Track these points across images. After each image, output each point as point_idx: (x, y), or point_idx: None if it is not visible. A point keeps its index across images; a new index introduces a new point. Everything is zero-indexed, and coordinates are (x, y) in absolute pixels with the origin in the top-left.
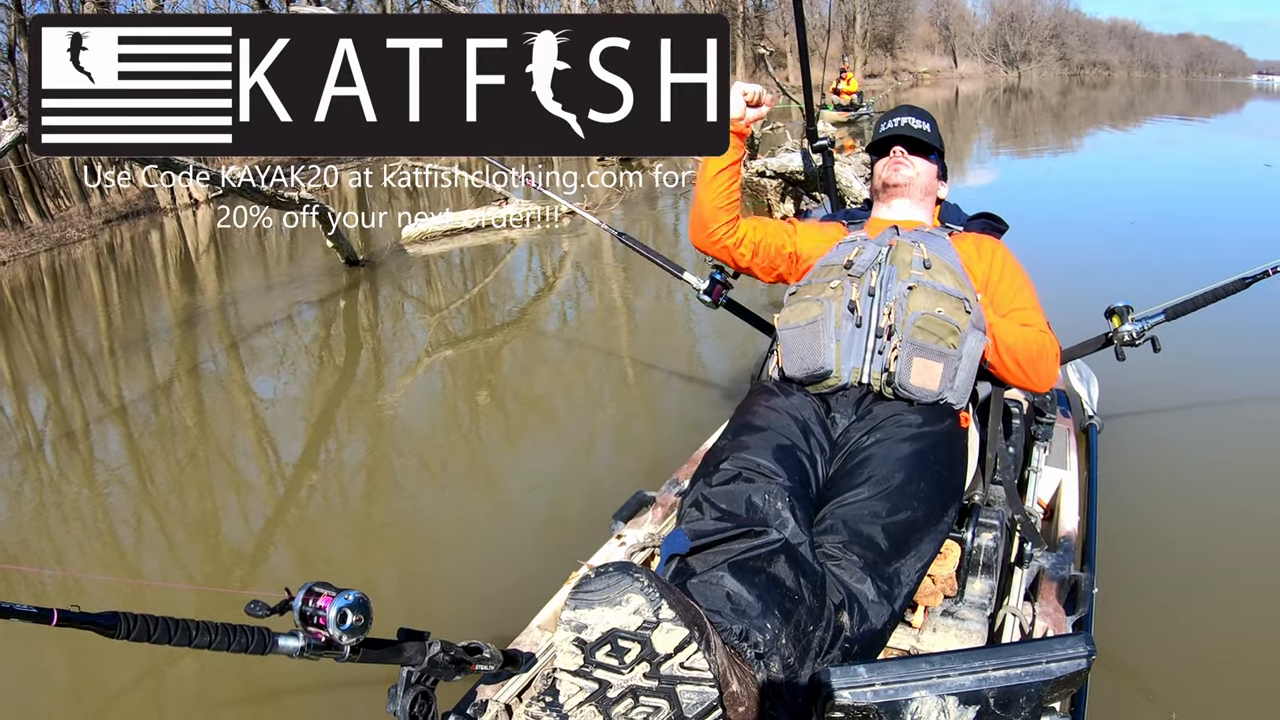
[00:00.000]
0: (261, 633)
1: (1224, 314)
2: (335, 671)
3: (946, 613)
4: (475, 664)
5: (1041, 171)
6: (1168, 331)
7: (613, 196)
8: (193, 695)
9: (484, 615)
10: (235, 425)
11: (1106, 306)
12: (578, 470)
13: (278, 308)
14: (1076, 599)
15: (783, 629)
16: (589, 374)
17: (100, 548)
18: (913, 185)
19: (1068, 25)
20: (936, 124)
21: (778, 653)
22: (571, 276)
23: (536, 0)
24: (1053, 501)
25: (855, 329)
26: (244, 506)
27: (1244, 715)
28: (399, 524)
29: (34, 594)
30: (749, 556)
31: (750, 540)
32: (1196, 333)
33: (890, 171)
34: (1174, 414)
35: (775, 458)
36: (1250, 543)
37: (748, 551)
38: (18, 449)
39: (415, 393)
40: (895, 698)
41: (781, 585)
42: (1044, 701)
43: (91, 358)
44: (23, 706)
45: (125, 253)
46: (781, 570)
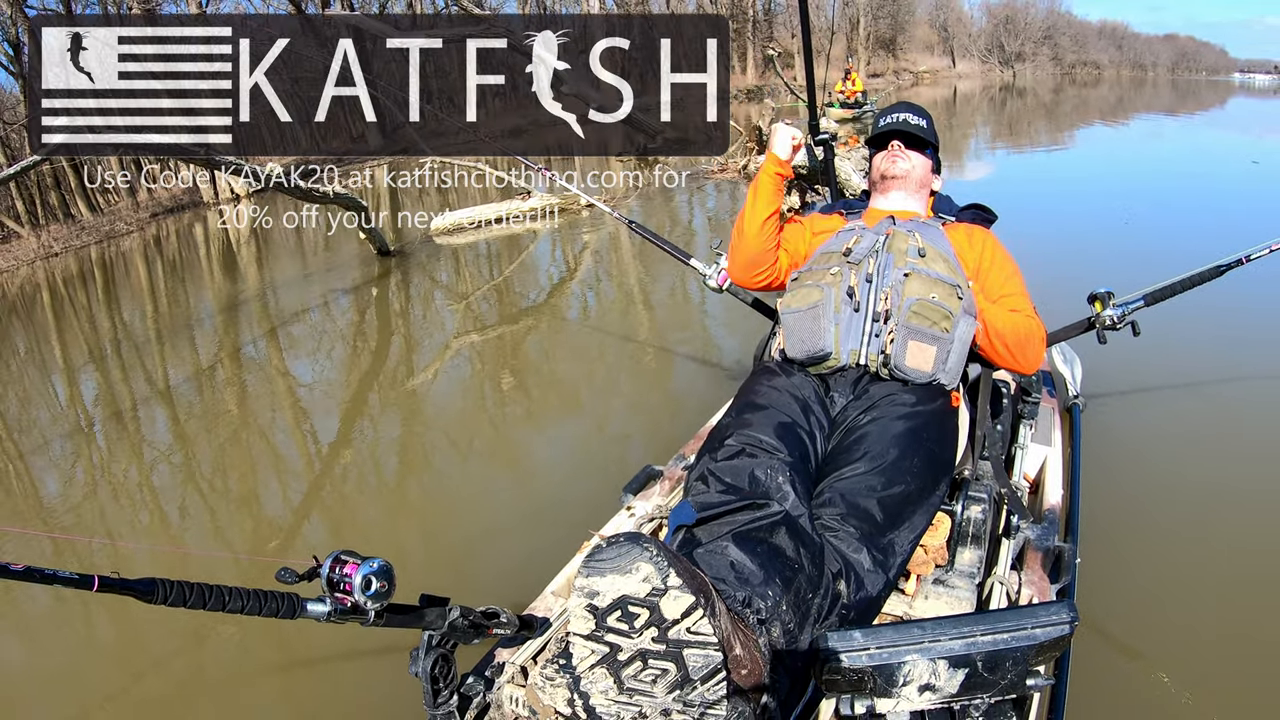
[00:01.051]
0: (291, 598)
1: (1201, 300)
2: (362, 636)
3: (938, 581)
4: (493, 628)
5: (1035, 165)
6: (1147, 316)
7: (629, 191)
8: (234, 658)
9: (501, 582)
10: (274, 406)
11: (1089, 292)
12: (591, 446)
13: (314, 295)
14: (1060, 568)
15: (783, 596)
16: (605, 357)
17: (146, 520)
18: (909, 178)
19: (1060, 26)
20: (932, 120)
21: (779, 618)
22: (591, 266)
23: (558, 4)
24: (1038, 476)
25: (853, 313)
26: (281, 481)
27: (1223, 674)
28: (425, 497)
29: (83, 563)
30: (752, 528)
31: (753, 512)
32: (1175, 318)
33: (888, 164)
34: (1152, 394)
35: (777, 434)
36: (1225, 513)
37: (750, 523)
38: (70, 429)
39: (443, 375)
40: (889, 661)
41: (782, 555)
42: (1029, 665)
43: (139, 343)
44: (72, 668)
45: (170, 244)
46: (782, 541)
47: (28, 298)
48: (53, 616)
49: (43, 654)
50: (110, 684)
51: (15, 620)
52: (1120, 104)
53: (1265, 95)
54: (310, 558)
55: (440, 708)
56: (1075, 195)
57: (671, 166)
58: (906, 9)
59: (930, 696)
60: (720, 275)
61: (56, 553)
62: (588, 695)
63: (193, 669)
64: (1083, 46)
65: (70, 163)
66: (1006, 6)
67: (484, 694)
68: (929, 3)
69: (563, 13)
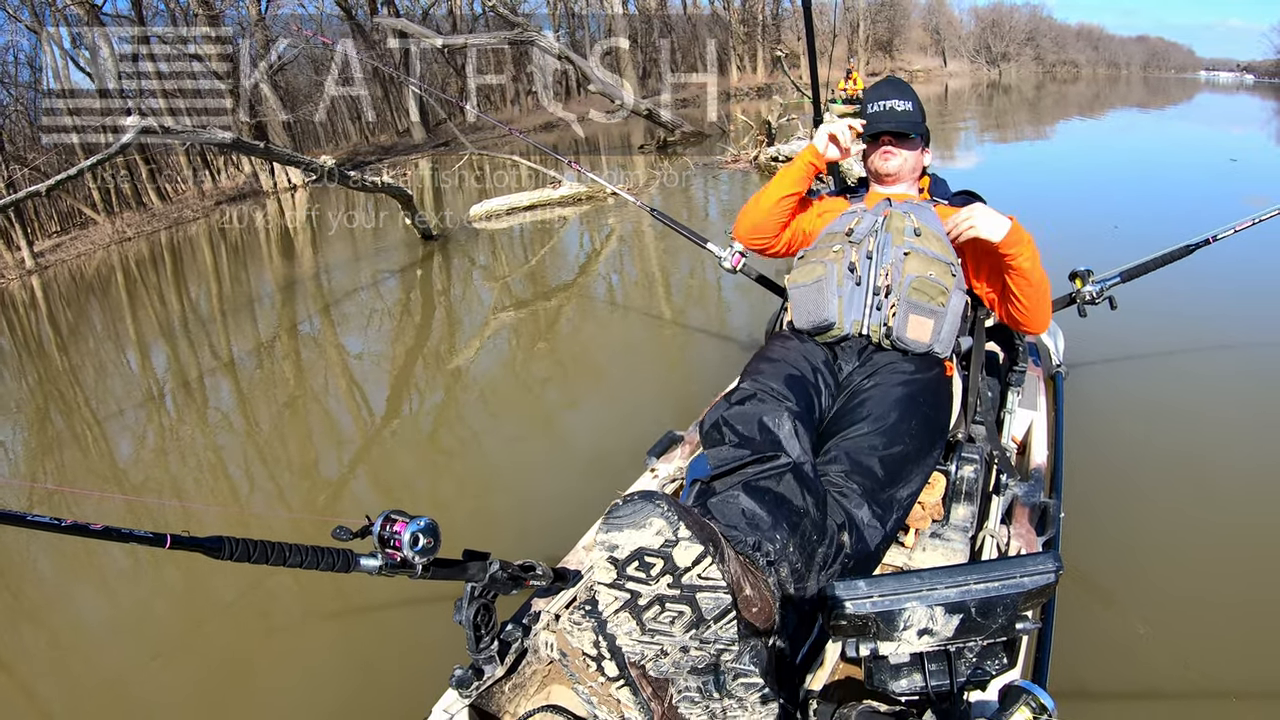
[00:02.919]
0: (345, 554)
1: (1173, 278)
2: (410, 587)
3: (934, 534)
4: (529, 580)
5: (1020, 155)
6: (1124, 292)
7: (650, 180)
8: (293, 607)
9: (537, 538)
10: (328, 376)
11: (1070, 270)
12: (618, 414)
13: (364, 276)
14: (1045, 522)
15: (790, 539)
16: (629, 331)
17: (211, 481)
18: (901, 171)
19: (1041, 29)
20: (917, 97)
21: (786, 559)
22: (615, 249)
23: (584, 8)
24: (1025, 439)
25: (855, 287)
26: (335, 445)
27: (1194, 618)
28: (467, 460)
29: (154, 522)
30: (761, 477)
31: (762, 465)
32: (1150, 293)
33: (881, 163)
34: (1129, 363)
35: (786, 383)
36: (1193, 472)
37: (760, 474)
38: (142, 398)
39: (482, 348)
40: (891, 607)
41: (789, 502)
42: (1018, 610)
43: (204, 320)
44: (143, 618)
45: (233, 230)
46: (789, 488)
47: (103, 279)
48: (126, 571)
49: (118, 606)
50: (179, 632)
51: (94, 575)
52: (1097, 99)
53: (1228, 91)
54: (363, 517)
55: (482, 652)
56: (1057, 184)
57: (688, 158)
58: (902, 13)
59: (928, 640)
60: (734, 257)
61: (130, 512)
62: (614, 637)
63: (256, 618)
64: (1062, 47)
65: (141, 155)
66: (993, 10)
67: (521, 640)
68: (923, 7)
69: (589, 15)
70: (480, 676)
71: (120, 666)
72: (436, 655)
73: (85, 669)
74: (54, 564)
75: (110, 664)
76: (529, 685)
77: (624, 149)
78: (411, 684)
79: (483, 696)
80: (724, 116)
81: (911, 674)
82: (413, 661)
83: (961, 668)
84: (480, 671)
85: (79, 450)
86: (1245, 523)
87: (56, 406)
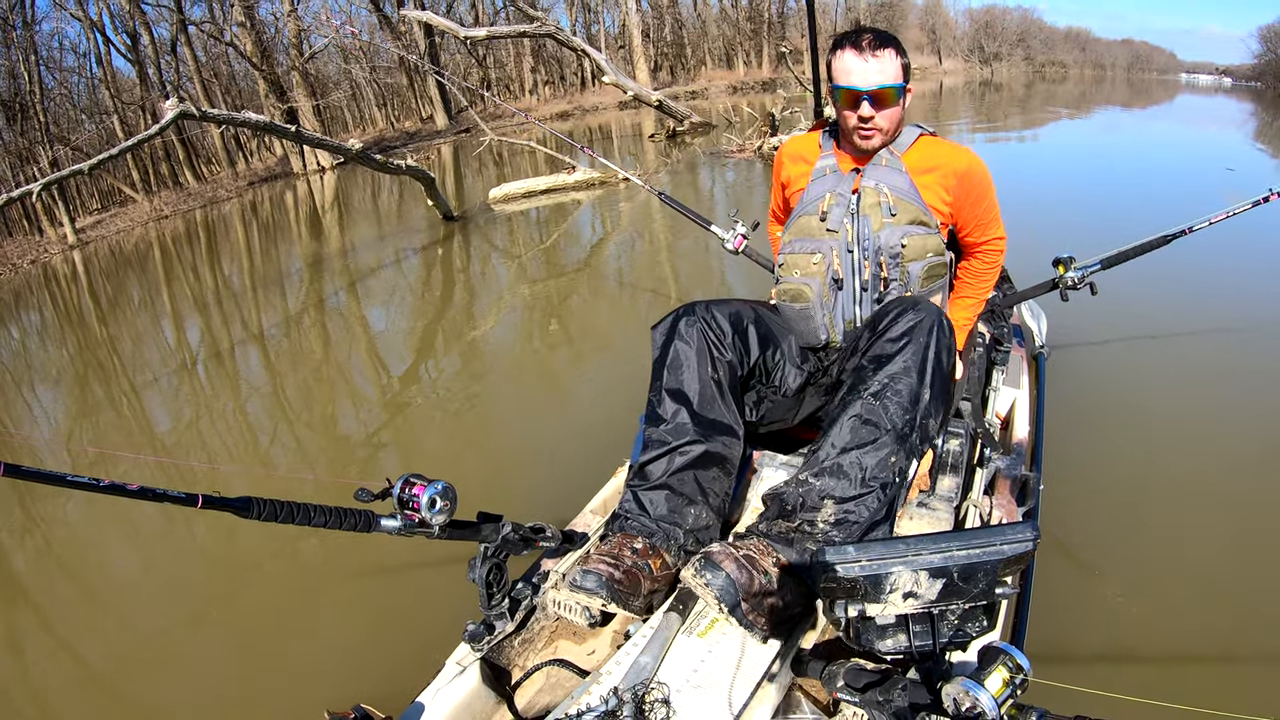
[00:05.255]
0: (367, 515)
1: (1152, 266)
2: (427, 547)
3: (921, 504)
4: (539, 541)
5: (1009, 149)
6: (1104, 278)
7: (660, 167)
8: (317, 565)
9: (547, 502)
10: (352, 347)
11: (1054, 256)
12: (624, 384)
13: (388, 254)
14: (1026, 493)
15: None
16: (636, 305)
17: (241, 446)
18: (878, 138)
19: (1032, 31)
20: (898, 42)
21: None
22: (626, 230)
23: (600, 5)
24: (1008, 415)
25: (839, 293)
26: (358, 413)
27: (1165, 586)
28: (482, 427)
29: (186, 483)
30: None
31: (679, 454)
32: (1128, 280)
33: (861, 140)
34: (1107, 345)
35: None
36: (1166, 448)
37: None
38: (177, 367)
39: (499, 323)
40: (878, 571)
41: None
42: (998, 576)
43: (236, 294)
44: (176, 575)
45: (265, 209)
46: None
47: (141, 254)
48: (160, 529)
49: (151, 562)
50: (209, 588)
51: (128, 532)
52: (1083, 98)
53: (1207, 93)
54: (383, 480)
55: (494, 609)
56: (1044, 175)
57: (697, 146)
58: (900, 13)
59: (913, 602)
60: (736, 239)
61: (162, 473)
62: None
63: (283, 576)
64: (1051, 48)
65: (179, 138)
66: (986, 12)
67: (531, 597)
68: (920, 8)
69: (604, 10)
70: (491, 631)
71: (159, 622)
72: (451, 611)
73: (120, 627)
74: (90, 523)
75: (148, 620)
76: (537, 640)
77: (635, 137)
78: (427, 638)
79: (494, 650)
80: (730, 108)
81: (897, 634)
82: (428, 617)
83: (944, 629)
84: (491, 627)
85: (115, 415)
86: (1214, 493)
87: (95, 375)
